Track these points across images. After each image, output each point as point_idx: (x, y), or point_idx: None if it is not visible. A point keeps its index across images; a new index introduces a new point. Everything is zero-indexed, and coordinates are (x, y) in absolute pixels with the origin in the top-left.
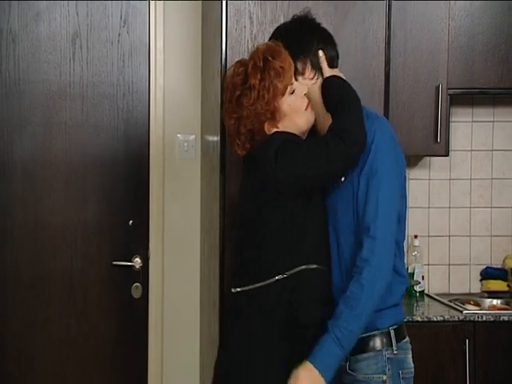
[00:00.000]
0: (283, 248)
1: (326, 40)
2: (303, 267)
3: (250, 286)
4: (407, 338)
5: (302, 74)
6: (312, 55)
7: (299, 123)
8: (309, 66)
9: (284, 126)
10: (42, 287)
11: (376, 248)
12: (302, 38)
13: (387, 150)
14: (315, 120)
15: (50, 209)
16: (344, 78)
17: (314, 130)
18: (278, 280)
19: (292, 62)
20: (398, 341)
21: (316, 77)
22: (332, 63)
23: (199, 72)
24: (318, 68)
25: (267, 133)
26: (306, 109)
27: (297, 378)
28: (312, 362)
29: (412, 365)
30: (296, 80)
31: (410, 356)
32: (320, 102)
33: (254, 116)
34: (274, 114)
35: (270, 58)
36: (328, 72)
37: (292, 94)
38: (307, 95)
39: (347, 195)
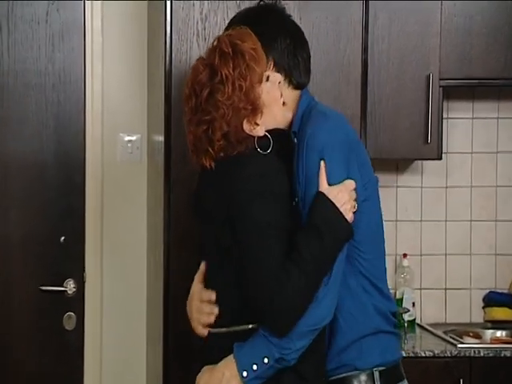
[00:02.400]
0: None
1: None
2: None
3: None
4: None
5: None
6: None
7: (278, 117)
8: (271, 64)
9: (264, 122)
10: None
11: None
12: (266, 30)
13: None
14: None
15: None
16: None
17: None
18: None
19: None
20: None
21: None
22: (294, 70)
23: (145, 59)
24: (282, 68)
25: (246, 132)
26: (283, 104)
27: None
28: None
29: None
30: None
31: None
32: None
33: (233, 113)
34: (255, 106)
35: (238, 42)
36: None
37: (267, 80)
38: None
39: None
